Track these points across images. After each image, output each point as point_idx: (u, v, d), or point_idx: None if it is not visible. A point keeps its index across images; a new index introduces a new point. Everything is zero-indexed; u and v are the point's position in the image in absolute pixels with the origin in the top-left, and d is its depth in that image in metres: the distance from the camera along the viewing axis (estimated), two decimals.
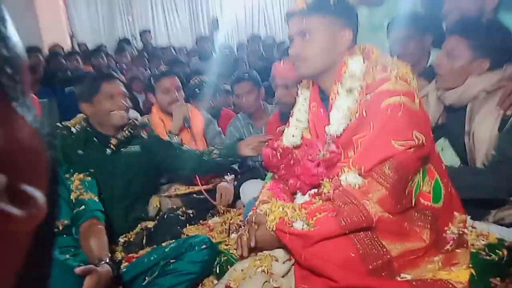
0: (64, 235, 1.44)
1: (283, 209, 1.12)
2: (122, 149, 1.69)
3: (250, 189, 1.84)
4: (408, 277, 1.03)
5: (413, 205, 1.09)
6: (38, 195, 0.16)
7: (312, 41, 1.15)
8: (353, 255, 1.01)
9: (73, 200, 1.47)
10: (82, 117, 1.68)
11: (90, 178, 1.55)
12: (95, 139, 1.66)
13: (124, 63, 4.76)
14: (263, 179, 1.90)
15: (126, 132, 1.69)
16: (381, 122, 1.08)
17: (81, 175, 1.53)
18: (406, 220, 1.07)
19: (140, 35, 5.75)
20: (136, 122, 1.80)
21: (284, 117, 2.10)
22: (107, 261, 1.24)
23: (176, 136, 2.01)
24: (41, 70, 4.20)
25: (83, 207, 1.45)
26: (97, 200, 1.51)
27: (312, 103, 1.30)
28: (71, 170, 1.54)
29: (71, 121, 1.69)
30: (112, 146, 1.66)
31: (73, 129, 1.64)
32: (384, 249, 1.02)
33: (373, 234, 1.03)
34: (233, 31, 7.06)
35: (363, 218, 1.02)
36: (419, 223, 1.08)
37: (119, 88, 1.65)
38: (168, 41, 6.50)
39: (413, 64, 1.80)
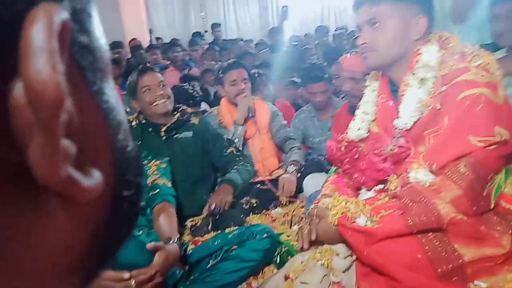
0: (140, 216, 1.58)
1: (346, 203, 1.09)
2: (175, 136, 1.80)
3: (314, 182, 1.82)
4: (483, 285, 0.95)
5: (492, 207, 0.99)
6: (96, 173, 0.17)
7: (383, 30, 1.08)
8: (420, 256, 0.96)
9: (149, 184, 1.59)
10: (138, 111, 1.82)
11: (165, 165, 1.67)
12: (149, 129, 1.78)
13: (197, 56, 4.95)
14: (327, 172, 1.87)
15: (174, 118, 1.79)
16: (458, 116, 1.00)
17: (158, 162, 1.65)
18: (483, 223, 0.98)
19: (212, 29, 5.95)
20: (184, 108, 1.89)
21: (353, 110, 2.04)
22: (176, 241, 1.33)
23: (241, 127, 2.05)
24: (124, 64, 4.57)
25: (157, 190, 1.56)
26: (170, 186, 1.62)
27: (381, 94, 1.24)
28: (149, 157, 1.67)
29: (131, 116, 1.84)
30: (163, 134, 1.77)
31: (133, 122, 1.79)
32: (456, 253, 0.95)
33: (444, 236, 0.96)
34: (301, 22, 6.98)
35: (433, 219, 0.95)
36: (498, 227, 0.98)
37: (154, 79, 1.73)
38: (238, 33, 6.65)
39: None
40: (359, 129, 1.30)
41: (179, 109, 1.85)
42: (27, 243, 0.16)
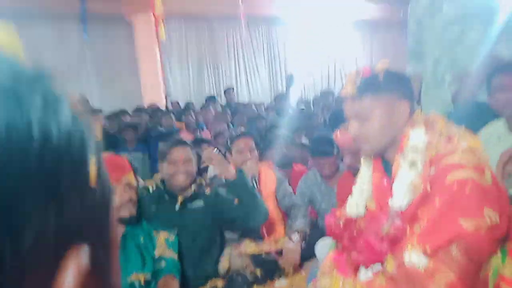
0: None
1: (342, 284, 1.10)
2: (188, 205, 1.86)
3: (325, 247, 1.81)
4: None
5: None
6: None
7: (369, 122, 1.15)
8: None
9: (156, 256, 1.62)
10: (158, 176, 1.90)
11: (173, 237, 1.70)
12: (166, 196, 1.85)
13: (209, 119, 5.15)
14: None
15: (191, 190, 1.86)
16: (448, 199, 1.03)
17: (166, 234, 1.69)
18: None
19: (224, 93, 6.25)
20: (203, 180, 1.96)
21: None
22: None
23: None
24: (143, 128, 4.79)
25: (163, 263, 1.59)
26: (176, 259, 1.65)
27: (375, 173, 1.29)
28: (159, 228, 1.70)
29: (149, 180, 1.92)
30: (179, 203, 1.84)
31: (150, 189, 1.87)
32: None
33: None
34: (309, 86, 7.30)
35: None
36: None
37: (182, 154, 1.84)
38: (249, 97, 6.95)
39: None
40: (356, 206, 1.33)
41: (196, 180, 1.92)
42: None
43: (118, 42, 6.46)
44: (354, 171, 2.01)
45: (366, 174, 1.34)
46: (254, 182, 2.11)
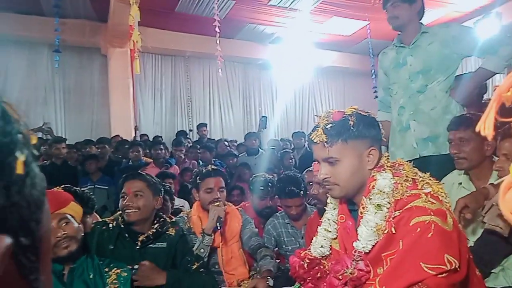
0: None
1: None
2: (150, 245, 1.76)
3: None
4: None
5: None
6: None
7: (341, 166, 1.15)
8: None
9: None
10: (120, 213, 1.80)
11: (126, 274, 1.59)
12: (126, 234, 1.75)
13: (179, 155, 5.07)
14: None
15: (153, 230, 1.77)
16: (411, 242, 1.03)
17: (119, 270, 1.58)
18: None
19: (197, 128, 6.24)
20: (166, 219, 1.87)
21: (322, 213, 2.09)
22: None
23: (209, 237, 2.00)
24: (106, 159, 4.64)
25: None
26: None
27: (340, 215, 1.28)
28: (111, 264, 1.60)
29: (110, 217, 1.82)
30: (139, 243, 1.73)
31: (110, 225, 1.76)
32: None
33: None
34: (282, 127, 7.46)
35: None
36: None
37: (131, 187, 1.76)
38: (222, 134, 6.97)
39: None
40: (321, 246, 1.31)
41: (160, 219, 1.84)
42: None
43: (90, 72, 6.41)
44: (320, 205, 2.01)
45: (332, 214, 1.33)
46: (219, 226, 2.02)
